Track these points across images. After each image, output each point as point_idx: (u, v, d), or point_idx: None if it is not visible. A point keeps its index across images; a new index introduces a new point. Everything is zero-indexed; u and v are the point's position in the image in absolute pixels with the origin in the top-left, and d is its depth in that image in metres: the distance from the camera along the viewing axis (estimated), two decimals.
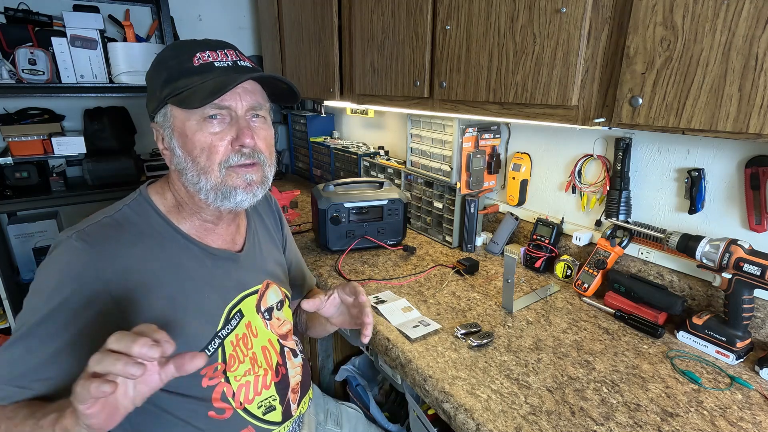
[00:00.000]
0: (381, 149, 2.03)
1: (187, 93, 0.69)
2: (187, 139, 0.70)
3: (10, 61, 1.62)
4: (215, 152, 0.70)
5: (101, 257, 0.66)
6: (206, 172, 0.71)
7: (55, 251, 0.67)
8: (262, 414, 0.80)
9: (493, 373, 0.87)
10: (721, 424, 0.75)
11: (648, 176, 1.14)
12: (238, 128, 0.71)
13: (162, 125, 0.73)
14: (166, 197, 0.78)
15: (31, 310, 0.65)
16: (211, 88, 0.67)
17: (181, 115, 0.70)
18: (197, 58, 0.70)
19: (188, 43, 0.73)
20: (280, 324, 0.90)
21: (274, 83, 0.77)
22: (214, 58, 0.71)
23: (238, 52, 0.75)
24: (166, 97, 0.70)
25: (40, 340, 0.64)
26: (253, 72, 0.72)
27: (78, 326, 0.65)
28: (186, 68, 0.70)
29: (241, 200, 0.74)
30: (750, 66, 0.64)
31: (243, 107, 0.72)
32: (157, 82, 0.72)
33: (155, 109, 0.73)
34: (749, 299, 0.91)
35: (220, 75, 0.70)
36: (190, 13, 2.29)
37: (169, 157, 0.74)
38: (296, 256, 1.10)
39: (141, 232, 0.72)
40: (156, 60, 0.74)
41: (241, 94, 0.71)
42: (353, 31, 1.49)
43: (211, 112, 0.70)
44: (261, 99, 0.75)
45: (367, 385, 1.42)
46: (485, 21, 1.01)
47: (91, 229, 0.69)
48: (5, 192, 1.73)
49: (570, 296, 1.20)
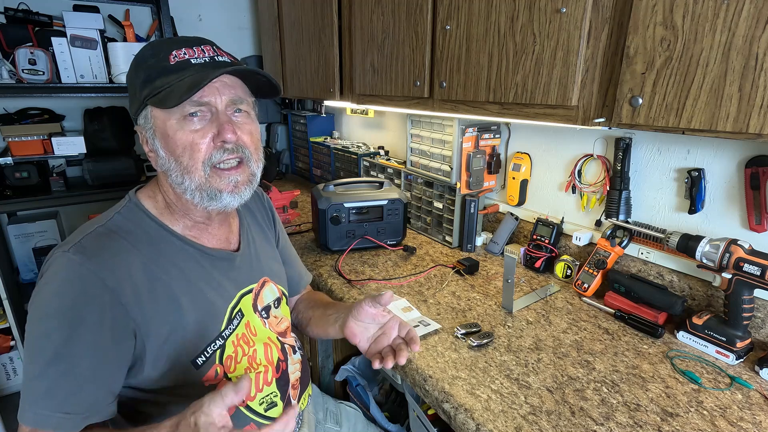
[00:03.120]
0: (381, 149, 2.03)
1: (164, 92, 0.67)
2: (168, 139, 0.69)
3: (10, 61, 1.62)
4: (197, 150, 0.69)
5: (102, 267, 0.65)
6: (190, 171, 0.70)
7: (53, 269, 0.64)
8: (264, 410, 0.81)
9: (493, 373, 0.87)
10: (721, 424, 0.75)
11: (648, 176, 1.14)
12: (218, 124, 0.70)
13: (144, 127, 0.72)
14: (157, 200, 0.77)
15: (45, 334, 0.62)
16: (188, 85, 0.66)
17: (162, 116, 0.69)
18: (173, 57, 0.69)
19: (165, 41, 0.72)
20: (278, 322, 0.90)
21: (255, 77, 0.75)
22: (191, 55, 0.70)
23: (216, 48, 0.73)
24: (145, 98, 0.69)
25: (69, 363, 0.62)
26: (229, 66, 0.71)
27: (102, 338, 0.64)
28: (163, 67, 0.69)
29: (228, 202, 0.73)
30: (750, 66, 0.64)
31: (223, 102, 0.71)
32: (136, 84, 0.71)
33: (137, 111, 0.73)
34: (749, 299, 0.91)
35: (197, 71, 0.68)
36: (190, 13, 2.28)
37: (155, 159, 0.73)
38: (290, 252, 1.08)
39: (136, 238, 0.71)
40: (134, 61, 0.73)
41: (220, 89, 0.70)
42: (353, 31, 1.49)
43: (191, 109, 0.68)
44: (242, 93, 0.74)
45: (367, 385, 1.42)
46: (485, 21, 1.01)
47: (86, 241, 0.67)
48: (5, 192, 1.73)
49: (570, 296, 1.20)
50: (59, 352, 0.62)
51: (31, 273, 1.97)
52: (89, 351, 0.63)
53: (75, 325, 0.62)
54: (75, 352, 0.62)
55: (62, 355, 0.62)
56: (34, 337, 0.63)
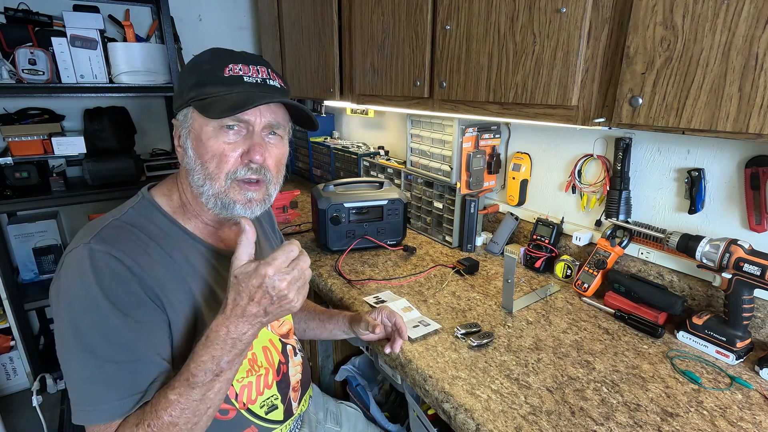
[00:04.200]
0: (381, 149, 2.03)
1: (210, 101, 0.70)
2: (201, 142, 0.71)
3: (10, 61, 1.62)
4: (225, 162, 0.71)
5: (126, 255, 0.66)
6: (212, 178, 0.71)
7: (78, 262, 0.64)
8: (265, 413, 0.81)
9: (493, 373, 0.87)
10: (721, 424, 0.75)
11: (648, 176, 1.14)
12: (251, 143, 0.72)
13: (182, 123, 0.75)
14: (173, 198, 0.78)
15: (92, 327, 0.62)
16: (233, 103, 0.68)
17: (201, 119, 0.71)
18: (228, 69, 0.71)
19: (225, 52, 0.74)
20: (280, 324, 0.91)
21: (298, 110, 0.78)
22: (245, 72, 0.72)
23: (271, 70, 0.76)
24: (190, 100, 0.72)
25: (128, 350, 0.63)
26: (276, 94, 0.74)
27: (144, 314, 0.65)
28: (216, 76, 0.71)
29: (239, 213, 0.75)
30: (750, 66, 0.64)
31: (261, 123, 0.73)
32: (186, 83, 0.73)
33: (178, 108, 0.75)
34: (749, 299, 0.91)
35: (245, 90, 0.71)
36: (190, 13, 2.28)
37: (182, 154, 0.75)
38: None
39: (149, 232, 0.72)
40: (192, 61, 0.76)
41: (262, 111, 0.72)
42: (353, 31, 1.49)
43: (229, 122, 0.71)
44: (281, 119, 0.76)
45: (367, 385, 1.42)
46: (485, 21, 1.01)
47: (104, 232, 0.68)
48: (5, 192, 1.72)
49: (570, 296, 1.20)
50: (115, 342, 0.62)
51: (31, 273, 1.97)
52: (140, 333, 0.64)
53: (120, 309, 0.63)
54: (130, 336, 0.63)
55: (119, 343, 0.63)
56: (82, 333, 0.62)
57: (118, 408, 0.62)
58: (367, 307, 1.13)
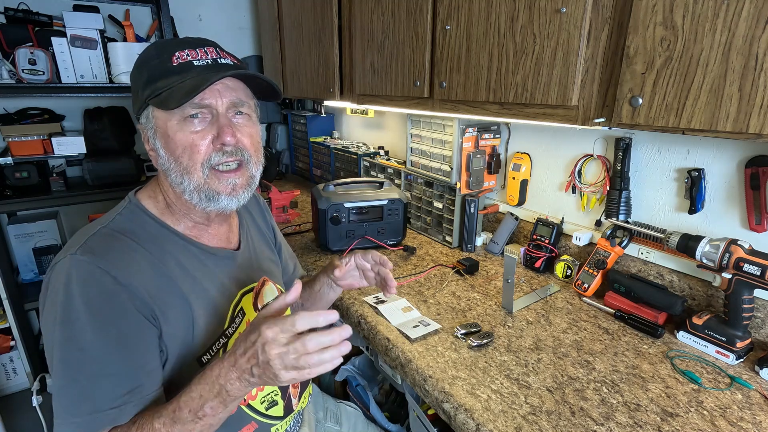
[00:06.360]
0: (381, 149, 2.03)
1: (165, 94, 0.68)
2: (169, 139, 0.70)
3: (10, 61, 1.62)
4: (197, 152, 0.70)
5: (113, 266, 0.64)
6: (189, 172, 0.70)
7: (64, 272, 0.63)
8: (265, 409, 0.81)
9: (493, 373, 0.87)
10: (721, 424, 0.75)
11: (648, 176, 1.14)
12: (218, 126, 0.70)
13: (146, 126, 0.73)
14: (158, 200, 0.77)
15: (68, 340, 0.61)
16: (188, 88, 0.66)
17: (163, 116, 0.70)
18: (176, 58, 0.69)
19: (169, 42, 0.72)
20: None
21: (257, 80, 0.75)
22: (194, 56, 0.70)
23: (219, 49, 0.74)
24: (147, 98, 0.70)
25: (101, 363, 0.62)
26: (229, 70, 0.71)
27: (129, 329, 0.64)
28: (165, 68, 0.69)
29: (226, 204, 0.74)
30: (750, 66, 0.64)
31: (224, 104, 0.71)
32: (139, 83, 0.71)
33: (138, 111, 0.73)
34: (749, 299, 0.91)
35: (198, 74, 0.69)
36: (190, 13, 2.28)
37: (155, 158, 0.74)
38: (287, 249, 1.10)
39: (139, 237, 0.71)
40: (138, 60, 0.73)
41: (221, 91, 0.70)
42: (353, 31, 1.49)
43: (191, 111, 0.69)
44: (243, 95, 0.74)
45: (367, 385, 1.42)
46: (485, 21, 1.01)
47: (91, 242, 0.67)
48: (5, 192, 1.73)
49: (570, 296, 1.20)
50: (89, 356, 0.61)
51: (31, 273, 1.97)
52: (118, 347, 0.63)
53: (99, 323, 0.62)
54: (105, 350, 0.62)
55: (93, 357, 0.62)
56: (58, 345, 0.62)
57: (90, 423, 0.61)
58: (368, 307, 1.13)
